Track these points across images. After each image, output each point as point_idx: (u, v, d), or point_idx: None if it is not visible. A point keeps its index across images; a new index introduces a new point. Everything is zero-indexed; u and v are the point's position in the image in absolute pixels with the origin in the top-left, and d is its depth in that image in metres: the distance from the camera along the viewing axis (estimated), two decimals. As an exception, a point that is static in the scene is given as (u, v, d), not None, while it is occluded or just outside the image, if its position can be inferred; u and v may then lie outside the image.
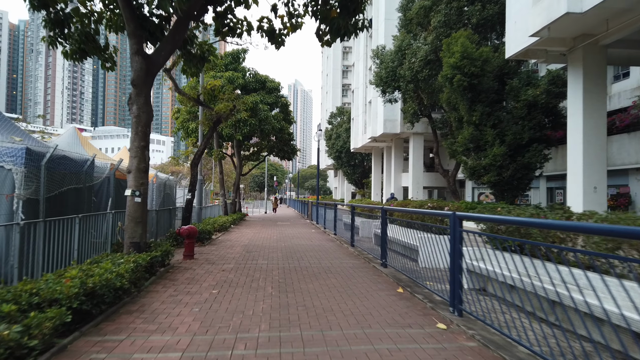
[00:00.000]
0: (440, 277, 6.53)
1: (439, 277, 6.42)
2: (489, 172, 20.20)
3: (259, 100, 20.13)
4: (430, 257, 6.52)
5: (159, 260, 6.90)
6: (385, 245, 7.82)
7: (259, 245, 11.57)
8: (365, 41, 39.87)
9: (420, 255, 8.36)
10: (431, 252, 6.40)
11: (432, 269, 6.93)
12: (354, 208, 11.22)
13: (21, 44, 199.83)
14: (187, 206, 11.73)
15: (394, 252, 8.15)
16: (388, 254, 7.87)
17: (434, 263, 6.34)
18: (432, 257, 6.31)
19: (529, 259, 3.84)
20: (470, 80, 19.69)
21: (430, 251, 6.54)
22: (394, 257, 7.88)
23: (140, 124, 7.14)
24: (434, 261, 6.21)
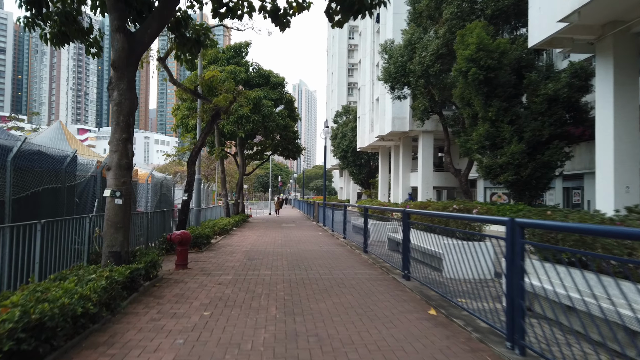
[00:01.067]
0: (473, 291, 5.47)
1: (472, 291, 5.36)
2: (506, 171, 19.06)
3: (262, 96, 19.08)
4: (457, 267, 5.56)
5: (143, 273, 5.83)
6: (408, 254, 6.73)
7: (262, 251, 10.50)
8: (372, 37, 38.76)
9: (445, 265, 7.28)
10: (458, 261, 5.47)
11: (459, 280, 5.95)
12: (367, 210, 10.13)
13: (26, 45, 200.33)
14: (183, 208, 10.69)
15: (413, 260, 7.07)
16: (411, 264, 6.78)
17: (461, 273, 5.42)
18: (459, 267, 5.38)
19: (595, 274, 2.88)
20: (487, 73, 18.55)
21: (457, 260, 5.57)
22: (415, 265, 6.81)
23: (121, 113, 6.09)
24: (462, 271, 5.32)
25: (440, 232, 8.78)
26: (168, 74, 10.44)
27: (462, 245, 6.73)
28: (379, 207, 10.93)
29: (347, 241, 12.68)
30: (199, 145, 10.73)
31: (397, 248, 11.81)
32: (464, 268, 5.48)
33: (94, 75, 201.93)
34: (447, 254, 6.90)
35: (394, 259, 8.67)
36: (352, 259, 9.28)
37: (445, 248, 7.11)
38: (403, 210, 6.84)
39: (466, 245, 6.97)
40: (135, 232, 8.49)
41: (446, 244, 7.21)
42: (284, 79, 22.32)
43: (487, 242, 8.00)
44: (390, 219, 11.75)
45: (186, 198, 10.72)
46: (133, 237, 8.34)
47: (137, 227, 8.72)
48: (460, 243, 7.18)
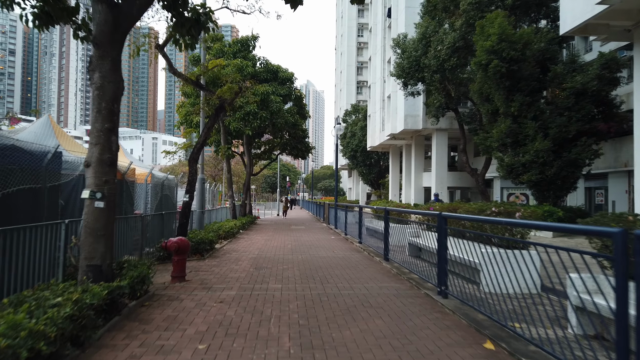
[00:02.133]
0: (523, 310, 4.41)
1: (521, 311, 4.31)
2: (530, 170, 17.87)
3: (270, 91, 18.07)
4: (497, 279, 4.70)
5: (128, 291, 4.82)
6: (445, 265, 5.65)
7: (271, 259, 9.47)
8: (382, 33, 37.65)
9: (483, 277, 6.19)
10: (499, 273, 4.65)
11: (499, 295, 4.96)
12: (388, 213, 9.05)
13: (35, 47, 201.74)
14: (184, 211, 9.69)
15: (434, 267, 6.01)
16: (448, 278, 5.69)
17: (502, 287, 4.60)
18: (500, 279, 4.64)
19: None
20: (509, 66, 17.37)
21: (498, 271, 4.73)
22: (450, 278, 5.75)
23: (104, 99, 5.09)
24: (503, 285, 4.56)
25: (472, 238, 7.70)
26: (167, 62, 9.45)
27: (503, 254, 5.69)
28: (401, 210, 9.83)
29: (364, 246, 11.61)
30: (201, 141, 9.73)
31: (418, 254, 10.73)
32: (506, 281, 4.60)
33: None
34: (486, 265, 5.84)
35: (419, 267, 7.60)
36: (373, 269, 8.21)
37: (483, 257, 6.04)
38: (439, 214, 5.76)
39: (507, 254, 5.91)
40: (126, 239, 7.49)
41: (484, 253, 6.14)
42: (293, 74, 21.29)
43: (530, 250, 6.91)
44: (409, 222, 10.67)
45: (187, 199, 9.72)
46: (124, 245, 7.35)
47: (129, 233, 7.72)
48: (502, 252, 6.12)
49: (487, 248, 6.67)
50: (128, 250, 7.67)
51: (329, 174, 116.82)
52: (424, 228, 10.80)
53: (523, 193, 29.50)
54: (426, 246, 9.05)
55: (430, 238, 7.96)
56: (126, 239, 7.44)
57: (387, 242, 8.98)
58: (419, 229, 10.84)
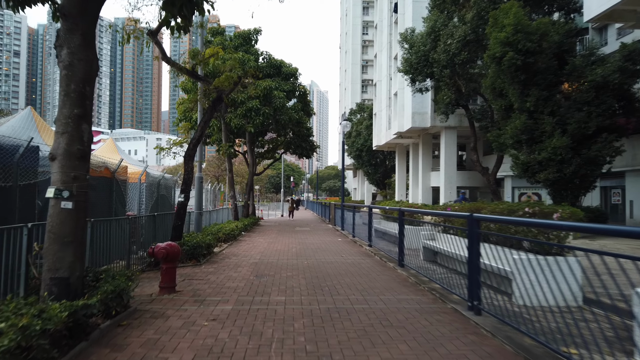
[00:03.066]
0: (570, 330, 3.57)
1: (568, 330, 3.47)
2: (547, 168, 16.94)
3: (273, 87, 17.24)
4: (533, 290, 4.18)
5: (98, 310, 4.00)
6: (478, 277, 4.79)
7: (274, 264, 8.63)
8: (388, 29, 36.78)
9: (516, 287, 5.35)
10: (535, 283, 4.15)
11: (536, 308, 4.21)
12: (403, 214, 8.19)
13: (40, 48, 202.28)
14: (179, 212, 8.87)
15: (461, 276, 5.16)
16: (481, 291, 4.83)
17: (542, 299, 3.96)
18: (536, 290, 4.12)
19: None
20: (525, 58, 16.47)
21: (533, 281, 4.18)
22: None
23: (73, 79, 4.28)
24: (539, 296, 4.03)
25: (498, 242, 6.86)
26: (160, 50, 8.65)
27: (540, 261, 4.88)
28: (419, 210, 8.95)
29: (374, 249, 10.75)
30: (197, 136, 8.91)
31: (433, 258, 9.87)
32: (545, 291, 3.98)
33: (106, 78, 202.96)
34: (519, 273, 5.00)
35: (439, 275, 6.75)
36: (387, 276, 7.35)
37: (515, 265, 5.20)
38: (469, 216, 4.89)
39: (545, 261, 5.12)
40: (112, 244, 6.67)
41: (516, 260, 5.31)
42: (297, 70, 20.44)
43: (569, 256, 6.06)
44: (422, 223, 9.82)
45: (182, 200, 8.91)
46: (109, 250, 6.54)
47: (116, 237, 6.91)
48: (538, 258, 5.30)
49: (519, 254, 5.85)
50: (115, 256, 6.86)
51: (333, 174, 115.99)
52: (439, 230, 9.96)
53: (535, 193, 28.56)
54: (444, 250, 8.19)
55: (449, 242, 7.13)
56: (111, 244, 6.63)
57: (402, 246, 8.12)
58: (434, 231, 10.00)
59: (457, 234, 7.76)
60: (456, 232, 7.37)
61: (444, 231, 9.44)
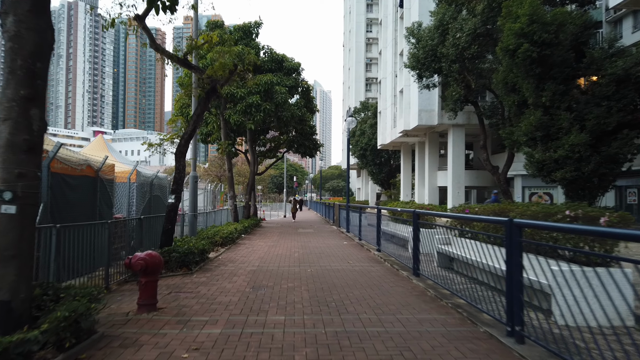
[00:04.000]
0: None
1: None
2: (564, 167, 15.99)
3: (275, 81, 16.38)
4: (581, 308, 3.45)
5: (45, 344, 3.15)
6: (521, 296, 3.91)
7: (273, 272, 7.77)
8: (393, 25, 35.89)
9: (557, 304, 4.49)
10: (583, 299, 3.44)
11: (580, 328, 3.45)
12: (418, 217, 7.30)
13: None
14: (169, 214, 8.03)
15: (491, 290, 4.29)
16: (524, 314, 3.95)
17: (590, 318, 3.37)
18: (580, 308, 3.45)
19: None
20: (541, 50, 15.55)
21: (581, 297, 3.46)
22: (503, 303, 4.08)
23: (20, 53, 3.44)
24: (584, 315, 3.42)
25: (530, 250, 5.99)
26: (148, 36, 7.82)
27: (584, 274, 4.04)
28: (441, 214, 8.04)
29: (383, 255, 9.87)
30: (189, 131, 8.07)
31: (449, 265, 8.99)
32: (594, 309, 3.32)
33: (109, 78, 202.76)
34: (560, 288, 4.15)
35: (459, 286, 5.88)
36: (402, 288, 6.47)
37: (555, 278, 4.32)
38: (509, 221, 4.02)
39: (589, 274, 4.26)
40: (85, 253, 5.83)
41: (556, 272, 4.42)
42: (300, 65, 19.57)
43: (616, 267, 5.18)
44: (435, 226, 8.94)
45: (173, 201, 8.06)
46: (81, 261, 5.70)
47: (92, 244, 6.06)
48: (583, 270, 4.42)
49: (560, 265, 4.97)
50: (90, 267, 6.03)
51: (337, 174, 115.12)
52: (456, 234, 9.08)
53: (547, 192, 27.61)
54: (464, 257, 7.29)
55: (470, 248, 6.24)
56: (84, 252, 5.80)
57: (417, 253, 7.24)
58: (449, 234, 9.11)
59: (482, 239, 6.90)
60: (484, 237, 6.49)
61: (461, 235, 8.58)
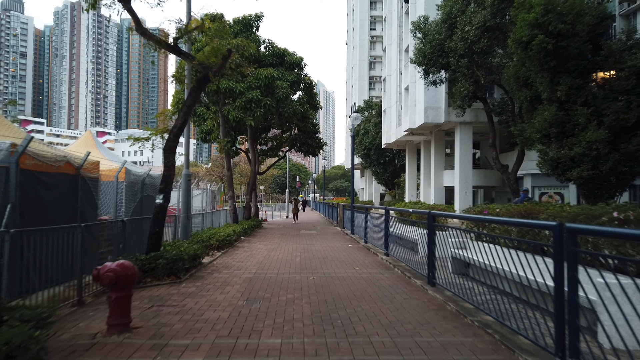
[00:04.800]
0: None
1: None
2: (580, 165, 15.14)
3: (276, 76, 15.59)
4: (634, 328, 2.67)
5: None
6: (577, 321, 3.11)
7: (272, 281, 6.98)
8: (398, 21, 35.07)
9: (605, 324, 3.66)
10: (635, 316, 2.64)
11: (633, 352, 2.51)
12: (434, 219, 6.50)
13: (47, 49, 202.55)
14: (157, 217, 7.26)
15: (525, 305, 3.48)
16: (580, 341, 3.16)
17: None
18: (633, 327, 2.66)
19: None
20: (557, 42, 14.72)
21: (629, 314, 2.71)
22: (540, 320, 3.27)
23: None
24: None
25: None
26: (133, 18, 7.07)
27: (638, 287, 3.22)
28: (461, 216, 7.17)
29: (392, 260, 9.07)
30: (179, 124, 7.30)
31: (464, 271, 8.19)
32: None
33: (112, 79, 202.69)
34: (605, 304, 3.34)
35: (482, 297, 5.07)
36: (417, 301, 5.67)
37: (599, 292, 3.51)
38: (558, 226, 3.22)
39: None
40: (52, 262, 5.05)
41: (601, 285, 3.62)
42: (302, 60, 18.77)
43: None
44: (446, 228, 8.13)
45: (161, 201, 7.30)
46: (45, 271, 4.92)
47: (53, 253, 5.28)
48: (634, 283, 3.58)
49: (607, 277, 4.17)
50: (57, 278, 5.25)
51: (340, 173, 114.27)
52: (472, 237, 8.28)
53: (557, 192, 26.70)
54: (482, 263, 6.46)
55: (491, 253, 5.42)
56: (49, 261, 5.02)
57: (432, 259, 6.43)
58: (465, 237, 8.30)
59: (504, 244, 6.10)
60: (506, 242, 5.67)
61: (478, 238, 7.77)
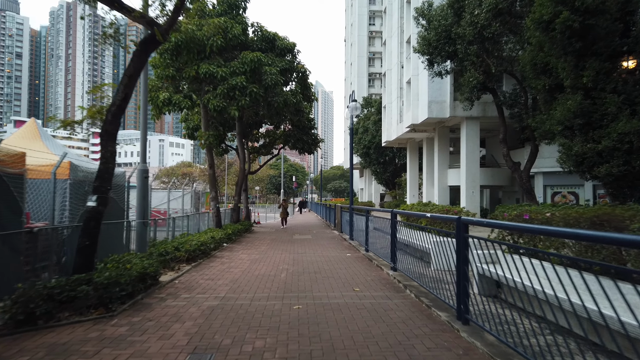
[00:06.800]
0: None
1: None
2: (610, 160, 13.30)
3: (264, 61, 13.69)
4: None
5: None
6: None
7: (241, 314, 5.09)
8: (399, 11, 33.22)
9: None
10: None
11: None
12: (466, 228, 4.62)
13: (43, 50, 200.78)
14: (87, 225, 5.38)
15: None
16: None
17: None
18: None
19: None
20: (584, 19, 12.92)
21: None
22: None
23: None
24: None
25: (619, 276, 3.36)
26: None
27: None
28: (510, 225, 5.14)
29: (401, 276, 7.18)
30: (118, 99, 5.41)
31: (495, 292, 6.33)
32: None
33: (109, 79, 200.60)
34: None
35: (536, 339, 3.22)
36: (449, 353, 3.80)
37: None
38: None
39: None
40: None
41: None
42: (295, 45, 16.85)
43: None
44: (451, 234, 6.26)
45: (94, 204, 5.42)
46: None
47: None
48: None
49: None
50: None
51: (339, 174, 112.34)
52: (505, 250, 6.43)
53: (571, 192, 24.86)
54: (528, 287, 4.53)
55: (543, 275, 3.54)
56: None
57: (465, 286, 4.55)
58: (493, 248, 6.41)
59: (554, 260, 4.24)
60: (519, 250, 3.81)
61: (514, 251, 5.92)
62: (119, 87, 5.47)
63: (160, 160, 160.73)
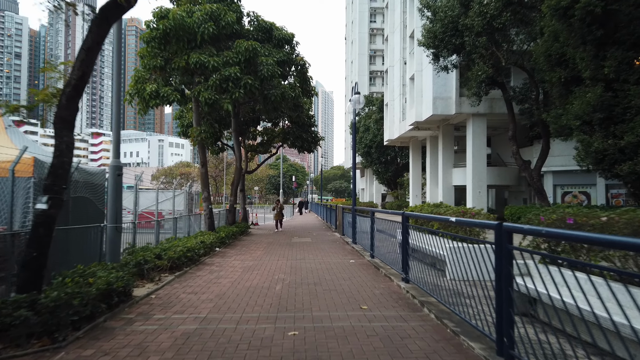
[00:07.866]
0: None
1: None
2: (633, 158, 12.39)
3: (259, 50, 12.68)
4: None
5: None
6: None
7: (221, 344, 4.08)
8: (402, 6, 32.22)
9: None
10: None
11: None
12: (509, 236, 3.63)
13: (42, 49, 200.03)
14: (35, 232, 4.38)
15: None
16: None
17: None
18: None
19: None
20: (606, 4, 11.96)
21: None
22: None
23: None
24: None
25: None
26: None
27: None
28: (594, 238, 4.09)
29: (415, 289, 6.16)
30: (75, 78, 4.41)
31: (527, 309, 5.33)
32: None
33: (108, 79, 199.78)
34: None
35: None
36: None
37: None
38: None
39: None
40: None
41: None
42: (293, 36, 15.82)
43: None
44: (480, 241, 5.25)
45: (45, 207, 4.42)
46: None
47: None
48: None
49: None
50: None
51: (339, 174, 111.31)
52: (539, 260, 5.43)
53: (583, 192, 23.81)
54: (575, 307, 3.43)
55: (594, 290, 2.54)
56: None
57: (508, 312, 3.55)
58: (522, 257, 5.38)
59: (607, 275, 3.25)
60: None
61: (552, 262, 4.92)
62: (75, 64, 4.47)
63: (159, 160, 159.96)
